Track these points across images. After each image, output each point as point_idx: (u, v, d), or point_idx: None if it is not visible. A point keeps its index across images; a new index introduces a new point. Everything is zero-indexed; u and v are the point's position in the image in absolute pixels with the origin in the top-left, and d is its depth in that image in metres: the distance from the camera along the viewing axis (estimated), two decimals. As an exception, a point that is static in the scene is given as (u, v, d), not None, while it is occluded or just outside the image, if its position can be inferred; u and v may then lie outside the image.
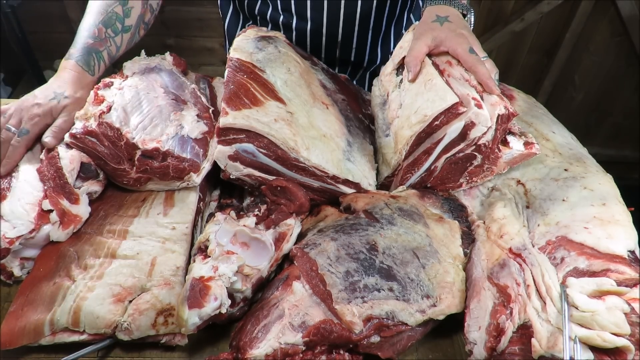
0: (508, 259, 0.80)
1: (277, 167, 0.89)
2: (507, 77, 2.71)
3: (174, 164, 0.91)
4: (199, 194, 0.95)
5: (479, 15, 2.47)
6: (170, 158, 0.91)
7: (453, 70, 0.94)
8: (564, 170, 0.94)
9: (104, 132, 0.90)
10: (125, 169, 0.92)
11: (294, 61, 1.04)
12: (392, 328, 0.74)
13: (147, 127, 0.93)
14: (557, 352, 0.65)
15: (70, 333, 0.76)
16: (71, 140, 0.91)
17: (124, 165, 0.92)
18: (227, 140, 0.86)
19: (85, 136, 0.90)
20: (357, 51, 1.29)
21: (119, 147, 0.91)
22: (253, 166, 0.89)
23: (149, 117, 0.95)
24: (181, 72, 1.14)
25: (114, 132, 0.90)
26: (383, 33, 1.27)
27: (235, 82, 0.91)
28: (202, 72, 1.30)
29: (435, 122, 0.87)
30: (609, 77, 2.61)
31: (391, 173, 0.97)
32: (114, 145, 0.91)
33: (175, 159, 0.91)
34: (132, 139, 0.90)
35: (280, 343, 0.71)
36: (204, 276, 0.75)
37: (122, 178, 0.93)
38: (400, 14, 1.27)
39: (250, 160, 0.88)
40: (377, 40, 1.29)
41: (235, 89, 0.89)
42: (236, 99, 0.88)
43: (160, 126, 0.95)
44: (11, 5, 2.10)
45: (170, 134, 0.94)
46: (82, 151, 0.91)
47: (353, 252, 0.80)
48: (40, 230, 0.84)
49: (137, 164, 0.91)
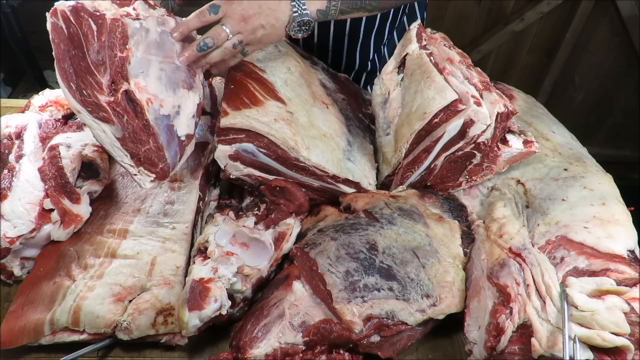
0: (508, 258, 0.80)
1: (277, 166, 0.89)
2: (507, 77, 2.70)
3: (151, 150, 0.78)
4: (199, 193, 0.96)
5: (479, 15, 2.47)
6: (152, 141, 0.78)
7: (453, 68, 0.95)
8: (564, 170, 0.94)
9: (112, 28, 0.75)
10: (99, 83, 0.75)
11: (294, 61, 1.04)
12: (392, 327, 0.74)
13: (151, 73, 0.80)
14: (557, 352, 0.65)
15: (70, 332, 0.76)
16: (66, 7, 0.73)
17: (102, 76, 0.74)
18: (227, 140, 0.86)
19: (85, 10, 0.74)
20: (334, 54, 1.29)
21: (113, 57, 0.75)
22: (253, 166, 0.89)
23: (160, 65, 0.82)
24: None
25: (121, 37, 0.76)
26: (362, 40, 1.28)
27: (235, 81, 0.90)
28: (202, 72, 1.30)
29: (434, 120, 0.87)
30: (609, 77, 2.61)
31: (391, 172, 0.97)
32: (110, 47, 0.75)
33: (156, 147, 0.79)
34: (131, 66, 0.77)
35: (280, 343, 0.71)
36: (203, 278, 0.75)
37: (87, 89, 0.74)
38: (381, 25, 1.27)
39: (250, 160, 0.88)
40: (355, 47, 1.29)
41: (236, 88, 0.89)
42: (236, 99, 0.88)
43: (164, 88, 0.81)
44: (11, 5, 2.10)
45: (165, 107, 0.81)
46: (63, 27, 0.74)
47: (353, 251, 0.80)
48: (40, 229, 0.84)
49: (117, 97, 0.75)
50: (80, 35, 0.74)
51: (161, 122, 0.81)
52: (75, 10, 0.74)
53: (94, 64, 0.75)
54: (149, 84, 0.80)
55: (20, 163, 0.89)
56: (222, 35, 0.82)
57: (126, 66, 0.77)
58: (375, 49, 1.33)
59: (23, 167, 0.89)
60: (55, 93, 1.13)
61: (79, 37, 0.74)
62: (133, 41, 0.78)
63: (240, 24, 0.82)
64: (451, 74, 0.93)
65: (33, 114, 1.04)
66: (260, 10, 0.82)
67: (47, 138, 0.97)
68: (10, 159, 0.91)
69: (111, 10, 0.78)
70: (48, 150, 0.92)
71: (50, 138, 0.97)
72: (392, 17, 1.26)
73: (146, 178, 0.80)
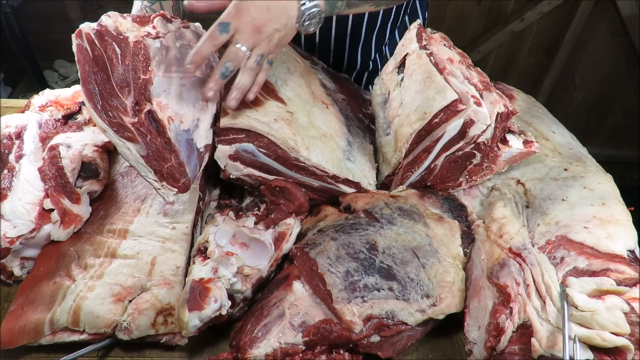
0: (508, 258, 0.80)
1: (277, 166, 0.89)
2: (507, 77, 2.70)
3: (173, 167, 0.82)
4: (199, 193, 0.96)
5: (479, 15, 2.47)
6: (174, 157, 0.82)
7: (453, 68, 0.95)
8: (564, 170, 0.94)
9: (135, 50, 0.77)
10: (123, 105, 0.78)
11: (294, 61, 1.04)
12: (392, 327, 0.74)
13: (172, 92, 0.82)
14: (557, 352, 0.65)
15: (70, 332, 0.76)
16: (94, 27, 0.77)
17: (126, 98, 0.78)
18: (227, 140, 0.86)
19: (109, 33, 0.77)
20: (335, 55, 1.29)
21: (136, 79, 0.77)
22: (253, 166, 0.89)
23: (180, 82, 0.84)
24: None
25: (143, 59, 0.79)
26: (363, 40, 1.28)
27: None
28: (202, 72, 1.30)
29: (434, 120, 0.87)
30: (609, 77, 2.61)
31: (391, 172, 0.97)
32: (134, 70, 0.78)
33: (178, 163, 0.82)
34: (153, 87, 0.79)
35: (280, 343, 0.71)
36: (203, 278, 0.75)
37: (112, 112, 0.78)
38: (382, 25, 1.27)
39: (250, 160, 0.88)
40: (356, 47, 1.29)
41: (235, 88, 0.89)
42: (236, 99, 0.87)
43: (184, 103, 0.84)
44: (11, 5, 2.10)
45: (185, 122, 0.83)
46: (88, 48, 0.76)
47: (353, 251, 0.80)
48: (40, 229, 0.84)
49: (140, 118, 0.79)
50: (105, 59, 0.77)
51: (182, 137, 0.83)
52: (100, 34, 0.76)
53: (119, 86, 0.78)
54: (170, 102, 0.82)
55: (20, 163, 0.89)
56: (240, 54, 0.79)
57: (149, 87, 0.79)
58: (377, 48, 1.33)
59: (23, 167, 0.89)
60: (55, 93, 1.12)
61: (104, 60, 0.77)
62: (155, 62, 0.80)
63: (255, 36, 0.78)
64: (451, 74, 0.93)
65: (33, 114, 1.04)
66: (270, 14, 0.79)
67: (47, 138, 0.97)
68: (10, 159, 0.91)
69: (133, 32, 0.80)
70: (48, 150, 0.92)
71: (50, 138, 0.97)
72: (394, 17, 1.26)
73: (169, 192, 0.83)
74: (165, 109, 0.81)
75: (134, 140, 0.79)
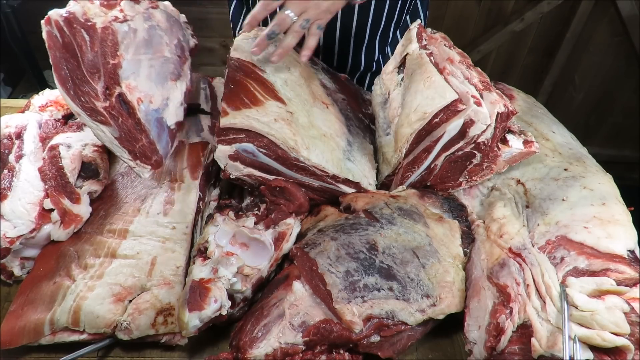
0: (508, 258, 0.80)
1: (277, 166, 0.89)
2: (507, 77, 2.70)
3: (144, 146, 0.86)
4: (199, 193, 0.96)
5: (479, 15, 2.47)
6: (144, 137, 0.85)
7: (453, 68, 0.95)
8: (564, 170, 0.94)
9: (103, 37, 0.80)
10: (94, 90, 0.80)
11: (294, 61, 1.04)
12: (392, 327, 0.74)
13: (141, 73, 0.85)
14: (557, 352, 0.65)
15: (70, 332, 0.76)
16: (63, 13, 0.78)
17: (96, 83, 0.80)
18: (227, 140, 0.86)
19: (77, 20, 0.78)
20: (339, 57, 1.30)
21: (105, 65, 0.80)
22: (253, 166, 0.89)
23: (149, 63, 0.87)
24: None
25: (111, 45, 0.81)
26: (367, 42, 1.28)
27: (235, 81, 0.91)
28: (202, 72, 1.30)
29: (434, 120, 0.87)
30: (609, 77, 2.61)
31: (391, 172, 0.97)
32: (103, 56, 0.80)
33: (148, 142, 0.86)
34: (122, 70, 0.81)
35: (280, 343, 0.71)
36: (203, 278, 0.75)
37: (84, 97, 0.80)
38: (386, 26, 1.27)
39: (250, 160, 0.88)
40: (360, 48, 1.29)
41: (235, 88, 0.89)
42: (236, 99, 0.88)
43: (153, 84, 0.87)
44: (11, 5, 2.10)
45: (155, 102, 0.87)
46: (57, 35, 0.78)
47: (353, 251, 0.80)
48: (40, 229, 0.84)
49: (111, 102, 0.82)
50: (75, 46, 0.79)
51: (151, 117, 0.88)
52: (68, 21, 0.78)
53: (89, 72, 0.80)
54: (139, 84, 0.85)
55: (20, 163, 0.89)
56: (287, 20, 0.86)
57: (118, 71, 0.82)
58: (380, 49, 1.33)
59: (23, 167, 0.89)
60: (55, 93, 1.13)
61: (73, 47, 0.79)
62: (123, 46, 0.83)
63: (303, 3, 0.86)
64: (451, 74, 0.93)
65: (33, 114, 1.04)
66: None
67: (47, 138, 0.97)
68: (10, 159, 0.91)
69: (101, 17, 0.82)
70: (48, 150, 0.92)
71: (50, 138, 0.97)
72: (397, 17, 1.26)
73: (144, 169, 0.88)
74: (134, 91, 0.84)
75: (107, 123, 0.82)
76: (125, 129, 0.84)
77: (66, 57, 0.79)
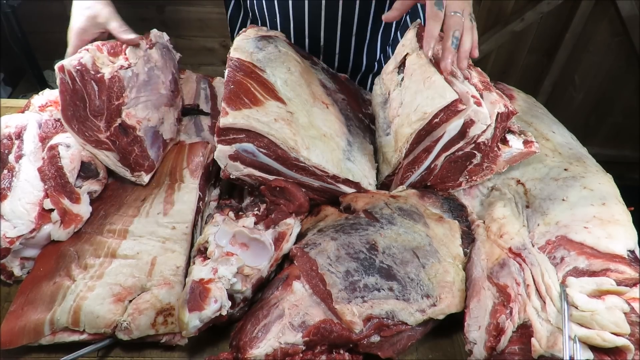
0: (508, 258, 0.80)
1: (277, 166, 0.89)
2: (507, 77, 2.70)
3: (138, 155, 0.95)
4: (199, 193, 0.96)
5: (479, 15, 2.47)
6: (138, 147, 0.95)
7: (453, 68, 0.94)
8: (564, 170, 0.94)
9: (110, 85, 0.91)
10: (96, 125, 0.92)
11: (294, 61, 1.04)
12: (392, 328, 0.74)
13: (139, 104, 0.97)
14: (557, 352, 0.65)
15: (70, 333, 0.76)
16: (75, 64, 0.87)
17: (98, 121, 0.91)
18: (227, 140, 0.86)
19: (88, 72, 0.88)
20: (341, 57, 1.29)
21: (109, 106, 0.91)
22: (253, 166, 0.89)
23: (147, 97, 0.98)
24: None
25: (118, 90, 0.92)
26: (368, 41, 1.27)
27: (235, 82, 0.91)
28: (202, 72, 1.30)
29: (434, 120, 0.87)
30: (609, 77, 2.62)
31: (391, 172, 0.97)
32: (109, 100, 0.91)
33: (141, 150, 0.96)
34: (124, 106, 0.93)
35: (280, 343, 0.71)
36: (203, 278, 0.75)
37: (88, 132, 0.92)
38: (387, 24, 1.27)
39: (250, 160, 0.88)
40: (362, 48, 1.29)
41: (235, 88, 0.89)
42: (236, 99, 0.88)
43: (150, 111, 0.99)
44: (11, 5, 2.10)
45: (151, 121, 0.98)
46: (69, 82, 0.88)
47: (353, 251, 0.80)
48: (40, 229, 0.84)
49: (111, 131, 0.92)
50: (84, 93, 0.89)
51: (149, 131, 0.99)
52: (80, 73, 0.88)
53: (93, 114, 0.91)
54: (137, 112, 0.97)
55: (20, 163, 0.89)
56: (459, 20, 0.85)
57: (121, 108, 0.94)
58: (381, 49, 1.33)
59: (23, 167, 0.89)
60: (55, 93, 1.12)
61: (83, 94, 0.89)
62: (128, 89, 0.94)
63: (458, 2, 0.86)
64: (451, 74, 0.93)
65: (33, 114, 1.04)
66: None
67: (46, 138, 0.97)
68: (10, 159, 0.90)
69: (108, 68, 0.92)
70: (48, 150, 0.92)
71: (50, 138, 0.96)
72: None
73: (141, 176, 0.97)
74: (133, 117, 0.95)
75: (110, 149, 0.94)
76: (121, 148, 0.94)
77: (75, 101, 0.89)
